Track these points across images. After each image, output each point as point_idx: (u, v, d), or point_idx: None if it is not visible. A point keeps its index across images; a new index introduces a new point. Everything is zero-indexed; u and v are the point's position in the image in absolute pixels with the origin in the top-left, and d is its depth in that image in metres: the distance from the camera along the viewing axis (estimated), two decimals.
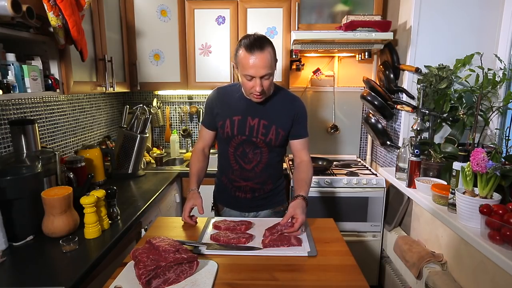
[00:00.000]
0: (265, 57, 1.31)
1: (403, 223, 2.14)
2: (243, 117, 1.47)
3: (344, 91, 2.74)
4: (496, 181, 1.27)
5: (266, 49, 1.32)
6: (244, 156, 1.51)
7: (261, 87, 1.34)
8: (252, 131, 1.47)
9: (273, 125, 1.47)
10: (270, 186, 1.58)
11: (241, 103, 1.48)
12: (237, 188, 1.57)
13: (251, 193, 1.57)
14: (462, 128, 1.83)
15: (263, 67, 1.31)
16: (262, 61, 1.31)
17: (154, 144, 2.90)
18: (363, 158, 2.84)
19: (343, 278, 1.02)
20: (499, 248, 1.14)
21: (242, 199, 1.58)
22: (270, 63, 1.33)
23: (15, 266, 1.10)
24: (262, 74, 1.32)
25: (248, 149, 1.50)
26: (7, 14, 1.09)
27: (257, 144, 1.49)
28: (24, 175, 1.28)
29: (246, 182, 1.55)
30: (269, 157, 1.52)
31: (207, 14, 2.39)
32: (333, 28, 2.26)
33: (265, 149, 1.50)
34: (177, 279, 0.97)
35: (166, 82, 2.47)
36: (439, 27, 1.96)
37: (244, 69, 1.34)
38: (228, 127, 1.48)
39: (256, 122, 1.47)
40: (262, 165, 1.52)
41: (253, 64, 1.31)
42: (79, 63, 1.63)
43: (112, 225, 1.41)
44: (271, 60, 1.34)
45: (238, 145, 1.50)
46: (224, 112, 1.50)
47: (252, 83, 1.35)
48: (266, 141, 1.48)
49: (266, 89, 1.37)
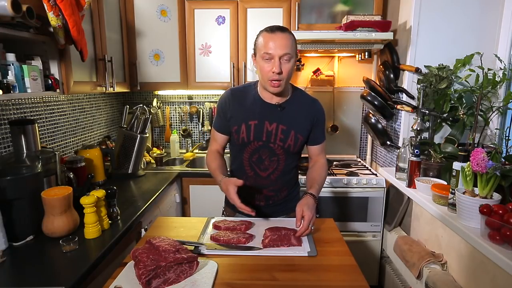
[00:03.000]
0: (286, 37, 1.25)
1: (403, 223, 2.14)
2: (260, 121, 1.37)
3: (344, 91, 2.75)
4: (496, 181, 1.27)
5: (287, 32, 1.27)
6: (260, 163, 1.41)
7: (279, 68, 1.23)
8: (269, 136, 1.38)
9: (292, 130, 1.38)
10: (285, 193, 1.50)
11: (257, 105, 1.39)
12: (251, 195, 1.47)
13: (265, 200, 1.48)
14: (462, 128, 1.83)
15: (283, 46, 1.23)
16: (283, 40, 1.24)
17: (154, 144, 2.90)
18: (363, 158, 2.84)
19: (343, 278, 1.02)
20: (499, 248, 1.14)
21: (255, 206, 1.44)
22: (291, 45, 1.25)
23: (15, 266, 1.10)
24: (282, 53, 1.23)
25: (264, 155, 1.41)
26: (7, 14, 1.09)
27: (274, 151, 1.40)
28: (24, 175, 1.28)
29: (260, 190, 1.47)
30: (285, 164, 1.44)
31: (207, 14, 2.39)
32: (333, 28, 2.26)
33: (282, 156, 1.41)
34: (177, 279, 0.97)
35: (166, 82, 2.47)
36: (439, 27, 1.96)
37: (262, 48, 1.25)
38: (243, 132, 1.38)
39: (274, 127, 1.37)
40: (278, 172, 1.44)
41: (272, 42, 1.24)
42: (79, 63, 1.63)
43: (112, 225, 1.41)
44: (292, 43, 1.26)
45: (254, 151, 1.41)
46: (238, 116, 1.39)
47: (271, 65, 1.25)
48: (284, 147, 1.39)
49: (285, 73, 1.26)
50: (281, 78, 1.27)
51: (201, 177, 2.29)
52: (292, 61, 1.28)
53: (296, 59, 1.32)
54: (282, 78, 1.27)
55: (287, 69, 1.27)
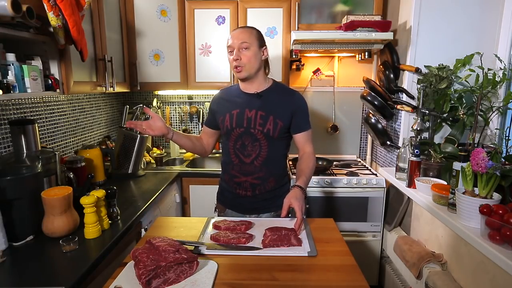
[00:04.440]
0: (244, 31, 1.46)
1: (403, 223, 2.14)
2: (241, 110, 1.51)
3: (344, 91, 2.75)
4: (496, 181, 1.27)
5: (247, 28, 1.48)
6: (243, 149, 1.53)
7: (237, 55, 1.42)
8: (250, 122, 1.50)
9: (270, 115, 1.49)
10: (272, 184, 1.56)
11: (240, 98, 1.54)
12: (238, 184, 1.57)
13: (252, 190, 1.55)
14: (462, 128, 1.83)
15: (239, 37, 1.43)
16: (240, 34, 1.44)
17: (154, 144, 2.90)
18: (363, 158, 2.84)
19: (343, 278, 1.02)
20: (499, 248, 1.14)
21: (243, 197, 1.57)
22: (248, 36, 1.44)
23: (15, 266, 1.09)
24: (238, 42, 1.42)
25: (247, 141, 1.52)
26: (7, 14, 1.09)
27: (255, 136, 1.51)
28: (24, 175, 1.28)
29: (246, 177, 1.55)
30: (268, 151, 1.52)
31: (207, 14, 2.39)
32: (333, 28, 2.26)
33: (264, 142, 1.51)
34: (177, 279, 0.97)
35: (166, 82, 2.47)
36: (439, 27, 1.96)
37: (227, 45, 1.47)
38: (227, 121, 1.53)
39: (254, 113, 1.50)
40: (262, 158, 1.52)
41: (232, 35, 1.46)
42: (79, 63, 1.63)
43: (112, 225, 1.40)
44: (250, 35, 1.44)
45: (237, 138, 1.53)
46: (223, 108, 1.56)
47: (233, 57, 1.44)
48: (264, 132, 1.49)
49: (245, 59, 1.43)
50: (241, 64, 1.44)
51: (201, 177, 2.29)
52: (252, 49, 1.44)
53: (261, 49, 1.48)
54: (243, 64, 1.44)
55: (247, 56, 1.44)
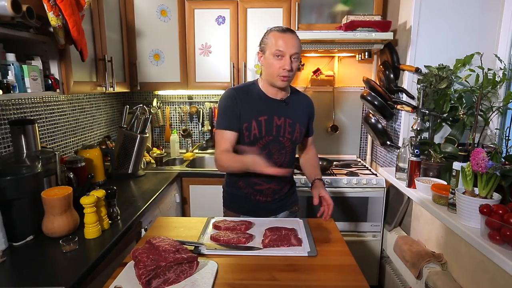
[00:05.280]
0: (296, 38, 1.38)
1: (403, 223, 2.14)
2: (269, 117, 1.44)
3: (344, 91, 2.75)
4: (496, 181, 1.26)
5: (295, 33, 1.40)
6: (270, 157, 1.44)
7: (290, 66, 1.36)
8: (279, 130, 1.45)
9: (297, 123, 1.48)
10: (288, 187, 1.58)
11: (264, 102, 1.45)
12: (258, 192, 1.51)
13: (272, 195, 1.53)
14: (462, 128, 1.83)
15: (294, 46, 1.36)
16: (294, 40, 1.37)
17: (154, 144, 2.90)
18: (363, 158, 2.84)
19: (343, 278, 1.02)
20: (499, 248, 1.14)
21: (262, 203, 1.53)
22: (299, 46, 1.39)
23: (15, 266, 1.10)
24: (293, 52, 1.35)
25: (274, 149, 1.47)
26: (7, 14, 1.09)
27: (283, 144, 1.47)
28: (24, 175, 1.28)
29: (269, 185, 1.50)
30: (291, 157, 1.53)
31: (207, 14, 2.39)
32: (333, 28, 2.26)
33: (289, 149, 1.50)
34: (177, 279, 0.97)
35: (166, 82, 2.47)
36: (439, 27, 1.96)
37: (275, 45, 1.36)
38: (255, 128, 1.42)
39: (282, 121, 1.46)
40: (285, 165, 1.50)
41: (284, 41, 1.35)
42: (79, 63, 1.63)
43: (112, 225, 1.41)
44: (300, 45, 1.40)
45: (264, 146, 1.45)
46: (248, 113, 1.42)
47: (282, 62, 1.36)
48: (292, 140, 1.48)
49: (293, 70, 1.39)
50: (290, 74, 1.39)
51: (201, 177, 2.29)
52: (298, 62, 1.42)
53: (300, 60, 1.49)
54: (291, 75, 1.39)
55: (295, 67, 1.40)
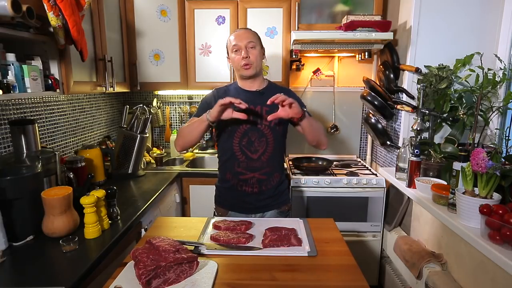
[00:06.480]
0: (249, 31, 1.54)
1: (403, 223, 2.14)
2: None
3: (344, 91, 2.74)
4: (496, 181, 1.26)
5: (249, 29, 1.57)
6: (250, 145, 1.54)
7: (247, 53, 1.48)
8: (256, 118, 1.53)
9: (274, 110, 1.47)
10: (277, 179, 1.60)
11: (240, 94, 1.55)
12: (244, 181, 1.57)
13: (258, 186, 1.57)
14: (462, 128, 1.83)
15: (246, 37, 1.50)
16: (245, 33, 1.52)
17: (154, 144, 2.90)
18: (363, 158, 2.84)
19: (343, 278, 1.02)
20: (499, 248, 1.14)
21: (249, 194, 1.57)
22: (253, 36, 1.52)
23: (15, 266, 1.10)
24: (246, 41, 1.48)
25: (253, 137, 1.53)
26: (7, 14, 1.09)
27: (262, 131, 1.53)
28: (24, 175, 1.28)
29: (253, 173, 1.56)
30: (274, 145, 1.56)
31: (207, 14, 2.39)
32: (333, 28, 2.26)
33: (270, 136, 1.54)
34: (177, 279, 0.97)
35: (166, 82, 2.47)
36: (439, 27, 1.96)
37: (231, 44, 1.51)
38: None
39: (259, 109, 1.53)
40: (268, 154, 1.55)
41: (236, 35, 1.51)
42: (79, 63, 1.63)
43: (112, 225, 1.41)
44: (254, 35, 1.53)
45: (243, 134, 1.53)
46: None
47: (239, 54, 1.49)
48: (271, 127, 1.53)
49: (253, 57, 1.49)
50: (250, 61, 1.50)
51: (201, 177, 2.29)
52: (257, 48, 1.52)
53: (262, 50, 1.56)
54: (251, 61, 1.50)
55: (254, 54, 1.50)
